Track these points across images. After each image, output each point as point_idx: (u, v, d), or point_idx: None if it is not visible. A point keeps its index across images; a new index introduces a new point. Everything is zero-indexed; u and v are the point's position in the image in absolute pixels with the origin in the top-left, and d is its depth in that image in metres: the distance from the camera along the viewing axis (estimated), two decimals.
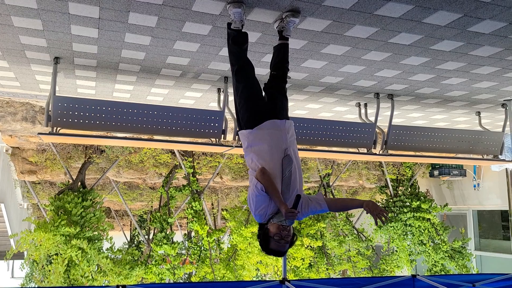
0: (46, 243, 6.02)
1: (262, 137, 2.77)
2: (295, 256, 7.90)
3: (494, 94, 5.20)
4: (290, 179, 2.70)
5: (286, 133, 2.82)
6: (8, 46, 3.82)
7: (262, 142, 2.76)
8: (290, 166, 2.71)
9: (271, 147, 2.73)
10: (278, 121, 2.83)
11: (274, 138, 2.76)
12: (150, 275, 7.04)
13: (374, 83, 4.81)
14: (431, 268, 8.39)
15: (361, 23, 3.26)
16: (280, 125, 2.82)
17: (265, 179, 2.60)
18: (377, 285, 4.58)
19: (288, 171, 2.70)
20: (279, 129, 2.81)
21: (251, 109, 2.87)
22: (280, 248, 2.64)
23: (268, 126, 2.79)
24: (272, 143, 2.74)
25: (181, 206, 8.96)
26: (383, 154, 5.56)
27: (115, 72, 4.51)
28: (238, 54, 3.04)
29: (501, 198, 9.22)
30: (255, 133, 2.80)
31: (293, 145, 2.85)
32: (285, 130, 2.83)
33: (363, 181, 10.52)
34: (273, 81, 3.10)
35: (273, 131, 2.78)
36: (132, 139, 5.10)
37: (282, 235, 2.60)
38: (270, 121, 2.80)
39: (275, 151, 2.72)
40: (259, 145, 2.76)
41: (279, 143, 2.76)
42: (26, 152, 8.08)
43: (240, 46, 3.05)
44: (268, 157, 2.71)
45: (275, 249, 2.64)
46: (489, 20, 3.19)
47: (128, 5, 3.03)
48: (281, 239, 2.61)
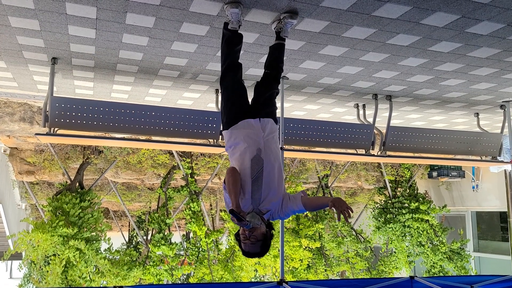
0: (44, 244, 6.00)
1: (238, 137, 2.78)
2: (293, 257, 7.89)
3: (492, 95, 5.20)
4: (261, 180, 2.67)
5: (261, 132, 2.79)
6: (5, 47, 3.82)
7: (237, 142, 2.77)
8: (259, 166, 2.68)
9: (246, 147, 2.72)
10: (252, 120, 2.81)
11: (248, 138, 2.75)
12: (148, 276, 7.03)
13: (372, 84, 4.80)
14: (429, 269, 8.38)
15: (359, 24, 3.26)
16: (254, 124, 2.80)
17: (227, 178, 2.60)
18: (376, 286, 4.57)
19: (257, 172, 2.67)
20: (253, 128, 2.79)
21: (230, 110, 2.88)
22: (249, 249, 2.62)
23: (242, 125, 2.79)
24: (247, 142, 2.73)
25: (179, 207, 8.94)
26: (381, 155, 5.55)
27: (113, 72, 4.50)
28: (229, 55, 3.02)
29: (500, 200, 9.22)
30: (231, 133, 2.81)
31: (272, 143, 2.82)
32: (260, 128, 2.80)
33: (362, 182, 10.52)
34: (265, 80, 3.09)
35: (247, 131, 2.77)
36: (130, 140, 5.09)
37: (246, 235, 2.60)
38: (244, 121, 2.80)
39: (249, 151, 2.71)
40: (236, 145, 2.77)
41: (254, 143, 2.74)
42: (24, 153, 8.07)
43: (234, 47, 3.03)
44: (243, 157, 2.71)
45: (244, 250, 2.65)
46: (487, 21, 3.19)
47: (126, 6, 3.02)
48: (245, 239, 2.61)
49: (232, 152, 2.80)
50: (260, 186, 2.67)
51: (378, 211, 9.08)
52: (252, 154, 2.70)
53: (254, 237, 2.59)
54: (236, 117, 2.82)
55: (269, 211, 2.70)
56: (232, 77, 2.96)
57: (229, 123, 2.83)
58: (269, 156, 2.74)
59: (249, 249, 2.62)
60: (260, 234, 2.61)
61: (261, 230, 2.61)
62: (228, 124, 2.84)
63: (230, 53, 3.02)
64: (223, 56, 3.05)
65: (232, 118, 2.83)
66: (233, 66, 3.00)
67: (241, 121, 2.80)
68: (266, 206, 2.68)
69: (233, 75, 2.97)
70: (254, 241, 2.59)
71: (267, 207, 2.68)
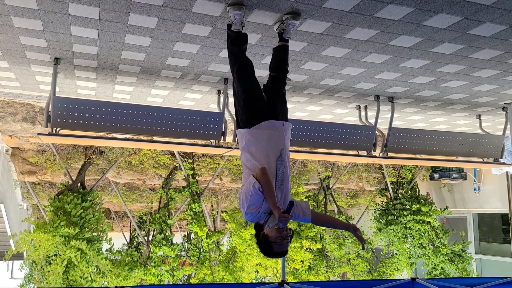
0: (45, 244, 6.02)
1: (260, 137, 2.77)
2: (295, 259, 7.89)
3: (494, 97, 5.19)
4: (283, 180, 2.71)
5: (284, 134, 2.83)
6: (8, 47, 3.83)
7: (259, 142, 2.76)
8: (282, 167, 2.72)
9: (268, 148, 2.73)
10: (276, 122, 2.83)
11: (271, 139, 2.76)
12: (149, 276, 7.03)
13: (374, 85, 4.80)
14: (431, 271, 8.37)
15: (361, 25, 3.26)
16: (278, 126, 2.82)
17: (264, 180, 2.59)
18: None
19: (281, 172, 2.70)
20: (276, 130, 2.81)
21: (250, 109, 2.86)
22: (284, 249, 2.64)
23: (266, 126, 2.79)
24: (269, 143, 2.74)
25: (180, 208, 8.95)
26: (383, 157, 5.55)
27: (115, 73, 4.51)
28: (238, 54, 3.03)
29: (502, 202, 9.21)
30: (253, 132, 2.79)
31: (288, 145, 2.88)
32: (283, 131, 2.83)
33: (363, 184, 10.52)
34: (272, 82, 3.10)
35: (271, 132, 2.78)
36: (132, 140, 5.09)
37: (282, 236, 2.60)
38: (268, 121, 2.80)
39: (271, 151, 2.72)
40: (256, 145, 2.76)
41: (276, 144, 2.76)
42: (26, 153, 8.08)
43: (240, 46, 3.05)
44: (264, 157, 2.71)
45: (279, 251, 2.64)
46: (489, 23, 3.19)
47: (128, 6, 3.03)
48: (283, 240, 2.60)
49: (251, 152, 2.76)
50: (281, 187, 2.70)
51: (380, 213, 9.07)
52: (276, 155, 2.72)
53: (288, 234, 2.62)
54: (259, 117, 2.80)
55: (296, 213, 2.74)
56: (249, 74, 2.95)
57: (250, 122, 2.81)
58: (288, 158, 2.81)
59: (285, 248, 2.63)
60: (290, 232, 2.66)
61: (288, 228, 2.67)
62: (249, 123, 2.81)
63: (238, 52, 3.03)
64: (232, 56, 3.04)
65: (254, 117, 2.81)
66: (247, 64, 2.99)
67: (264, 122, 2.79)
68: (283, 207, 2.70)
69: (249, 72, 2.96)
70: (288, 239, 2.62)
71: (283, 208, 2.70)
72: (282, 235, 2.59)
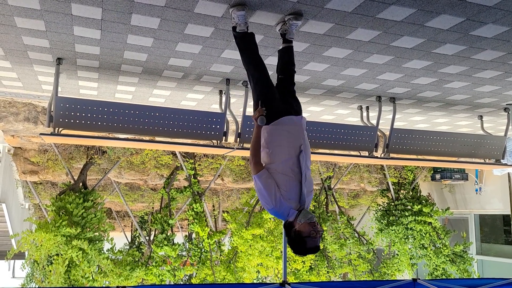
0: (47, 244, 6.03)
1: (280, 133, 2.76)
2: (296, 259, 7.88)
3: (496, 98, 5.19)
4: (306, 174, 2.70)
5: (302, 129, 2.83)
6: (11, 47, 3.84)
7: (279, 138, 2.75)
8: (304, 162, 2.71)
9: (288, 143, 2.72)
10: (295, 117, 2.84)
11: (291, 134, 2.76)
12: (151, 276, 7.04)
13: (376, 86, 4.80)
14: (432, 272, 8.36)
15: (363, 26, 3.26)
16: (296, 121, 2.83)
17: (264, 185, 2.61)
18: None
19: (304, 166, 2.70)
20: (295, 124, 2.81)
21: (268, 105, 2.84)
22: (317, 243, 2.61)
23: (285, 121, 2.79)
24: (289, 139, 2.74)
25: (182, 208, 8.96)
26: (384, 158, 5.55)
27: (117, 73, 4.51)
28: (250, 53, 3.02)
29: (503, 203, 9.19)
30: (272, 129, 2.78)
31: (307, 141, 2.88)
32: (301, 125, 2.84)
33: (365, 184, 10.51)
34: (281, 84, 3.09)
35: (290, 127, 2.78)
36: (134, 140, 5.10)
37: (316, 230, 2.57)
38: (287, 117, 2.80)
39: (292, 147, 2.71)
40: (276, 141, 2.75)
41: (296, 139, 2.75)
42: (28, 153, 8.10)
43: (250, 45, 3.03)
44: (285, 153, 2.70)
45: (312, 247, 2.60)
46: (491, 24, 3.18)
47: (131, 7, 3.03)
48: (317, 233, 2.57)
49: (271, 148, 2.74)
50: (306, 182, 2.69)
51: (381, 213, 9.07)
52: (297, 150, 2.71)
53: (320, 226, 2.60)
54: (278, 113, 2.80)
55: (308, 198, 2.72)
56: (265, 71, 2.95)
57: (268, 118, 2.80)
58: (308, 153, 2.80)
59: (318, 242, 2.60)
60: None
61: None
62: (268, 119, 2.80)
63: (250, 51, 3.02)
64: (244, 56, 3.04)
65: (273, 113, 2.80)
66: (261, 61, 2.99)
67: (283, 117, 2.79)
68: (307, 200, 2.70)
69: (264, 69, 2.96)
70: (321, 231, 2.61)
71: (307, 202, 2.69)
72: (315, 228, 2.56)
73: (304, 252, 2.64)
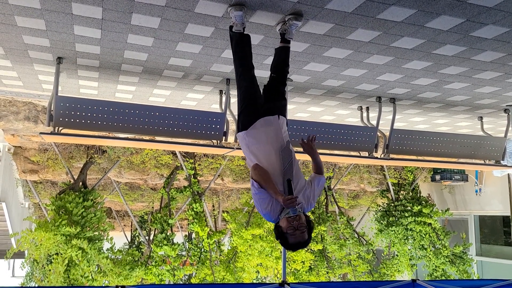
0: (47, 243, 6.03)
1: (258, 136, 2.79)
2: (295, 259, 7.88)
3: (496, 99, 5.19)
4: (292, 170, 2.70)
5: (280, 127, 2.84)
6: (11, 46, 3.84)
7: (258, 141, 2.78)
8: (290, 157, 2.72)
9: (268, 144, 2.75)
10: (271, 117, 2.85)
11: (269, 135, 2.78)
12: (150, 276, 7.04)
13: (376, 86, 4.81)
14: (431, 273, 8.36)
15: (363, 26, 3.26)
16: (273, 120, 2.85)
17: (257, 174, 2.63)
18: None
19: (288, 163, 2.70)
20: (272, 124, 2.83)
21: (247, 111, 2.89)
22: (299, 239, 2.59)
23: (261, 124, 2.81)
24: (268, 140, 2.76)
25: (182, 207, 8.96)
26: (384, 158, 5.55)
27: (118, 72, 4.52)
28: (242, 56, 3.05)
29: (503, 204, 9.19)
30: (250, 133, 2.82)
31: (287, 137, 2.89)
32: (279, 124, 2.85)
33: (365, 185, 10.51)
34: (272, 83, 3.12)
35: (267, 128, 2.80)
36: (134, 140, 5.10)
37: (294, 226, 2.55)
38: (262, 119, 2.83)
39: (271, 147, 2.74)
40: (256, 145, 2.78)
41: (275, 138, 2.78)
42: (28, 152, 8.10)
43: (244, 48, 3.06)
44: (266, 154, 2.73)
45: (294, 242, 2.60)
46: (492, 25, 3.19)
47: (131, 7, 3.03)
48: (295, 230, 2.56)
49: (253, 152, 2.78)
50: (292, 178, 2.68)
51: (381, 214, 9.07)
52: (278, 147, 2.73)
53: (302, 225, 2.57)
54: (253, 117, 2.83)
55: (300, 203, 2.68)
56: (250, 79, 2.98)
57: (246, 124, 2.84)
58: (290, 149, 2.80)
59: (300, 239, 2.58)
60: (305, 221, 2.59)
61: (303, 217, 2.60)
62: (245, 125, 2.84)
63: (242, 54, 3.05)
64: (236, 58, 3.07)
65: (249, 118, 2.84)
66: (249, 67, 3.02)
67: (258, 120, 2.82)
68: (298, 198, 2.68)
69: (250, 77, 2.99)
70: (303, 229, 2.57)
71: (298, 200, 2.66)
72: (293, 225, 2.55)
73: (289, 247, 2.65)
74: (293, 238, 2.58)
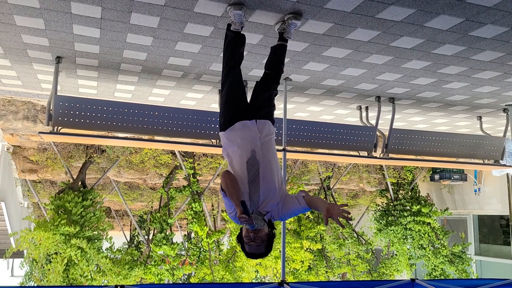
0: (46, 242, 6.02)
1: (234, 139, 2.77)
2: (295, 259, 7.88)
3: (495, 99, 5.19)
4: (258, 181, 2.65)
5: (257, 133, 2.77)
6: (10, 45, 3.84)
7: (233, 144, 2.76)
8: (255, 168, 2.66)
9: (241, 149, 2.71)
10: (248, 122, 2.79)
11: (244, 139, 2.74)
12: (149, 275, 7.04)
13: (376, 86, 4.81)
14: (430, 272, 8.37)
15: (362, 26, 3.26)
16: (250, 125, 2.79)
17: (224, 183, 2.60)
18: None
19: (253, 173, 2.65)
20: (249, 129, 2.78)
21: (227, 112, 2.87)
22: (254, 251, 2.59)
23: (238, 127, 2.78)
24: (242, 144, 2.72)
25: (181, 207, 8.96)
26: (383, 158, 5.55)
27: (117, 72, 4.51)
28: (231, 56, 3.02)
29: (502, 203, 9.20)
30: (227, 134, 2.81)
31: (270, 145, 2.81)
32: (256, 130, 2.78)
33: (364, 184, 10.52)
34: (264, 80, 3.08)
35: (243, 132, 2.76)
36: (133, 139, 5.10)
37: (251, 237, 2.56)
38: (240, 122, 2.79)
39: (244, 152, 2.70)
40: (232, 147, 2.76)
41: (249, 144, 2.73)
42: (27, 151, 8.09)
43: (236, 48, 3.04)
44: (239, 158, 2.70)
45: (248, 252, 2.62)
46: (490, 25, 3.19)
47: (130, 6, 3.03)
48: (250, 241, 2.57)
49: (228, 154, 2.79)
50: (257, 188, 2.65)
51: (380, 214, 9.07)
52: (247, 156, 2.69)
53: (259, 238, 2.56)
54: (232, 119, 2.81)
55: (269, 212, 2.67)
56: (233, 78, 2.96)
57: (225, 124, 2.83)
58: (267, 157, 2.72)
59: (254, 251, 2.59)
60: (264, 235, 2.58)
61: (265, 231, 2.59)
62: (225, 125, 2.83)
63: (232, 54, 3.03)
64: (225, 57, 3.05)
65: (229, 119, 2.82)
66: (234, 68, 3.00)
67: (237, 123, 2.79)
68: (265, 208, 2.66)
69: (233, 76, 2.97)
70: (259, 242, 2.57)
71: (266, 209, 2.66)
72: (249, 235, 2.56)
73: (245, 254, 2.66)
74: (248, 247, 2.60)
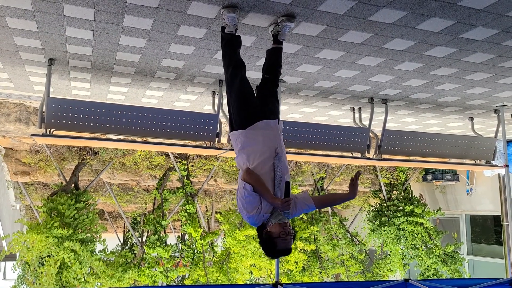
0: (39, 245, 5.98)
1: (255, 138, 2.79)
2: (289, 260, 7.90)
3: (487, 100, 5.24)
4: (281, 179, 2.72)
5: (278, 133, 2.87)
6: (2, 47, 3.81)
7: (255, 142, 2.77)
8: (280, 165, 2.73)
9: (264, 148, 2.75)
10: (271, 121, 2.87)
11: (267, 139, 2.79)
12: (143, 277, 7.01)
13: (368, 88, 4.83)
14: (423, 272, 8.42)
15: (355, 28, 3.28)
16: (272, 125, 2.86)
17: (252, 179, 2.61)
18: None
19: (279, 170, 2.72)
20: (271, 129, 2.84)
21: (244, 110, 2.88)
22: (288, 245, 2.63)
23: (261, 126, 2.81)
24: (265, 143, 2.77)
25: (175, 209, 8.94)
26: (376, 159, 5.58)
27: (110, 74, 4.50)
28: (232, 56, 3.05)
29: (494, 203, 9.28)
30: (248, 133, 2.81)
31: (283, 144, 2.91)
32: (277, 130, 2.88)
33: None
34: (264, 84, 3.13)
35: (266, 132, 2.81)
36: (126, 141, 5.09)
37: (286, 231, 2.59)
38: (263, 121, 2.83)
39: (267, 151, 2.75)
40: (253, 146, 2.77)
41: (272, 143, 2.79)
42: (19, 153, 8.04)
43: (234, 49, 3.07)
44: (261, 157, 2.73)
45: (283, 248, 2.62)
46: (481, 27, 3.22)
47: (123, 8, 3.03)
48: (287, 235, 2.59)
49: (248, 153, 2.77)
50: (280, 185, 2.70)
51: (373, 214, 9.11)
52: (272, 154, 2.74)
53: (291, 229, 2.62)
54: (253, 118, 2.82)
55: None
56: (242, 77, 2.98)
57: (244, 123, 2.82)
58: (284, 156, 2.83)
59: (288, 244, 2.62)
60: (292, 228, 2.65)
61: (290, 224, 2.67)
62: (243, 124, 2.82)
63: (233, 54, 3.04)
64: (226, 58, 3.06)
65: (249, 118, 2.83)
66: (240, 66, 3.02)
67: (259, 122, 2.81)
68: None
69: (242, 75, 2.99)
70: (291, 235, 2.62)
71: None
72: (285, 230, 2.59)
73: (274, 254, 2.67)
74: (283, 243, 2.60)
